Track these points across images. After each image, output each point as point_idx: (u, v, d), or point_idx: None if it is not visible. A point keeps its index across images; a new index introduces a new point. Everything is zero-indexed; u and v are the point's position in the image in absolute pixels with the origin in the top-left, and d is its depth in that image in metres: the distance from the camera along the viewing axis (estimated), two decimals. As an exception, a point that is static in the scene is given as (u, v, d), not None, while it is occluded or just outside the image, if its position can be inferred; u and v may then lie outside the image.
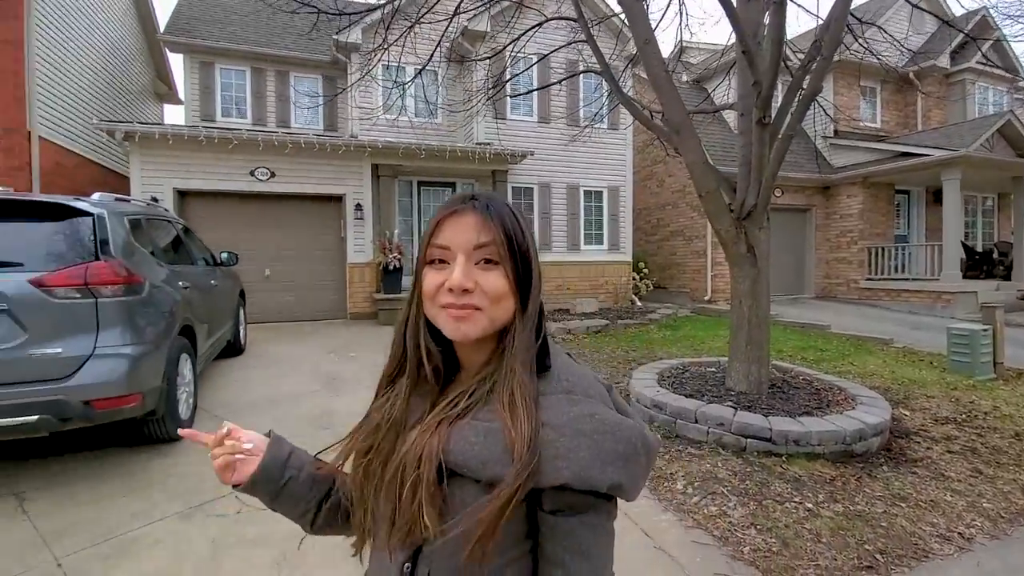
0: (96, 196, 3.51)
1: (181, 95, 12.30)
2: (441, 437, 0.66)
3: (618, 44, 9.71)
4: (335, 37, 10.35)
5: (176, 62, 12.37)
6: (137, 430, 3.45)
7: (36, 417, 2.72)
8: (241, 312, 6.49)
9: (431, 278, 0.70)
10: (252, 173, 8.64)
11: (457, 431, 0.67)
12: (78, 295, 2.89)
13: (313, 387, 5.11)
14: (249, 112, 11.72)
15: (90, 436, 3.62)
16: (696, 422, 3.77)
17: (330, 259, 9.45)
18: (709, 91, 11.44)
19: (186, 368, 3.82)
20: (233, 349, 6.15)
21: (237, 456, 0.83)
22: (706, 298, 11.87)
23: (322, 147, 8.82)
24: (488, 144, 10.03)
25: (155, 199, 7.71)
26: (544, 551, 0.65)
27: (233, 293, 6.11)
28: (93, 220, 3.14)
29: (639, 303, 11.57)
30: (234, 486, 0.83)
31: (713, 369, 5.07)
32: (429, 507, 0.64)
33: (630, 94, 6.53)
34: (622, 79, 6.46)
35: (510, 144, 10.11)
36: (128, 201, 3.98)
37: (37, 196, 3.24)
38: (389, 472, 0.70)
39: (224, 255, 5.91)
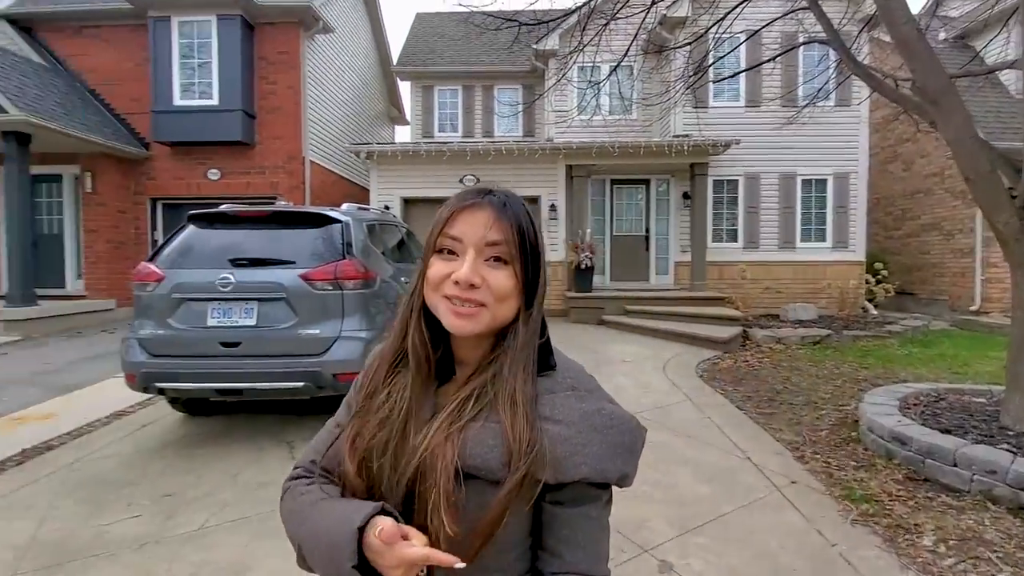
0: (344, 206, 4.27)
1: (408, 117, 14.27)
2: (455, 443, 0.64)
3: (849, 6, 8.25)
4: (533, 47, 10.87)
5: (404, 89, 14.40)
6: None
7: (302, 384, 3.43)
8: (449, 305, 7.25)
9: (438, 267, 0.69)
10: (461, 180, 9.59)
11: (474, 435, 0.65)
12: (330, 287, 3.55)
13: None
14: (460, 126, 13.06)
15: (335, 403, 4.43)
16: (955, 465, 2.98)
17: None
18: (977, 49, 8.99)
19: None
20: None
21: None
22: (972, 308, 9.39)
23: (520, 152, 9.36)
24: (686, 136, 9.46)
25: (387, 207, 9.08)
26: (543, 542, 0.67)
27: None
28: (342, 226, 3.82)
29: (874, 311, 9.70)
30: None
31: (982, 400, 3.97)
32: (447, 514, 0.61)
33: (865, 62, 5.48)
34: (855, 46, 5.46)
35: (712, 134, 9.37)
36: (367, 209, 4.75)
37: (307, 208, 4.06)
38: (406, 472, 0.66)
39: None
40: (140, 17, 9.39)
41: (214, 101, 9.36)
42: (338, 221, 3.83)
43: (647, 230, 10.48)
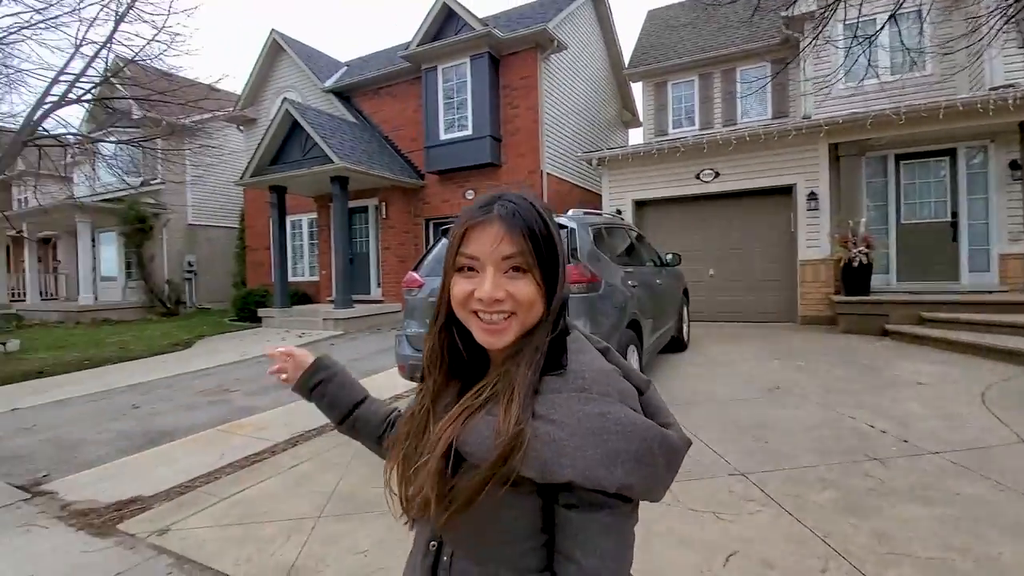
0: (571, 212, 4.38)
1: (641, 118, 14.06)
2: (456, 428, 0.70)
3: None
4: (783, 14, 9.51)
5: (637, 90, 14.23)
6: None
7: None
8: (684, 310, 6.82)
9: (461, 286, 0.72)
10: (698, 176, 8.97)
11: (474, 424, 0.69)
12: (557, 292, 3.66)
13: (751, 393, 4.82)
14: (696, 118, 12.25)
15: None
16: None
17: (777, 256, 8.76)
18: None
19: (633, 358, 4.27)
20: (677, 345, 6.52)
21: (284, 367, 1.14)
22: None
23: (768, 136, 8.26)
24: (1010, 86, 7.00)
25: (619, 211, 9.06)
26: (557, 545, 0.67)
27: (677, 292, 6.48)
28: (567, 232, 3.92)
29: None
30: (287, 383, 1.13)
31: None
32: (429, 480, 0.69)
33: None
34: None
35: (1064, 73, 6.72)
36: (596, 214, 4.79)
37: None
38: (422, 457, 0.73)
39: (669, 256, 6.33)
40: (415, 72, 11.45)
41: (469, 131, 10.79)
42: (564, 227, 3.93)
43: (953, 215, 8.05)
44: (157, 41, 8.73)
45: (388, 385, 5.70)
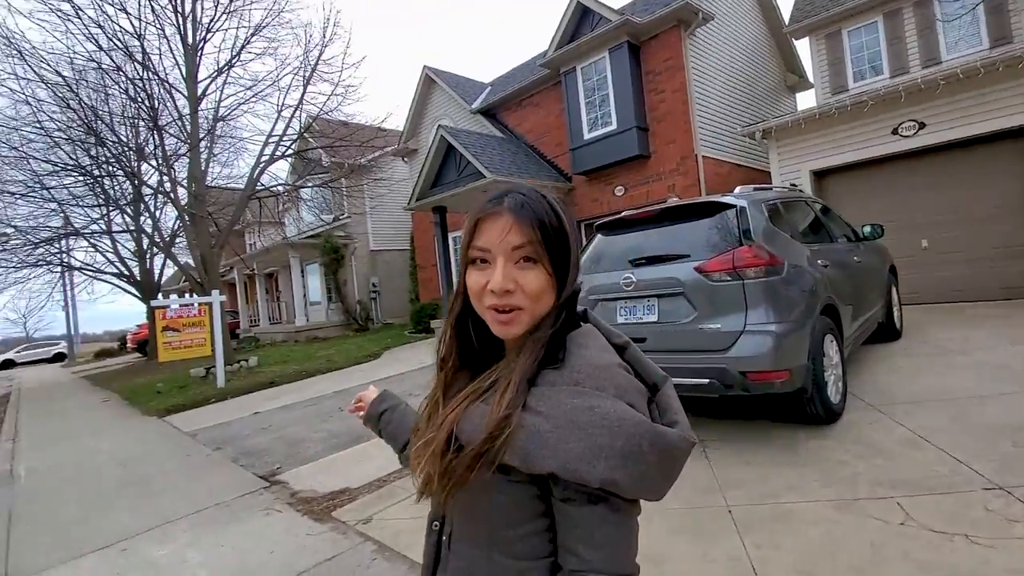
0: (737, 190, 3.92)
1: (811, 78, 12.33)
2: (458, 414, 0.73)
3: None
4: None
5: (803, 48, 12.52)
6: (793, 407, 3.57)
7: (707, 380, 3.28)
8: (893, 291, 5.70)
9: (475, 278, 0.73)
10: (895, 131, 7.53)
11: (472, 411, 0.72)
12: (728, 278, 3.29)
13: (1001, 387, 3.79)
14: (885, 65, 10.30)
15: (747, 405, 4.07)
16: None
17: (1011, 218, 6.91)
18: None
19: (832, 349, 3.65)
20: (887, 332, 5.48)
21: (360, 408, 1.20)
22: None
23: (991, 68, 6.58)
24: None
25: (794, 184, 8.01)
26: (559, 537, 0.69)
27: (880, 270, 5.45)
28: (736, 211, 3.51)
29: None
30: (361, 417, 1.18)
31: None
32: (434, 464, 0.72)
33: None
34: None
35: None
36: (767, 190, 4.24)
37: (697, 199, 3.93)
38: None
39: (867, 228, 5.36)
40: (555, 77, 11.54)
41: (613, 126, 10.51)
42: (731, 206, 3.53)
43: None
44: (335, 95, 10.12)
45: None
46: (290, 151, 10.93)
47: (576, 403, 0.65)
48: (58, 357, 30.66)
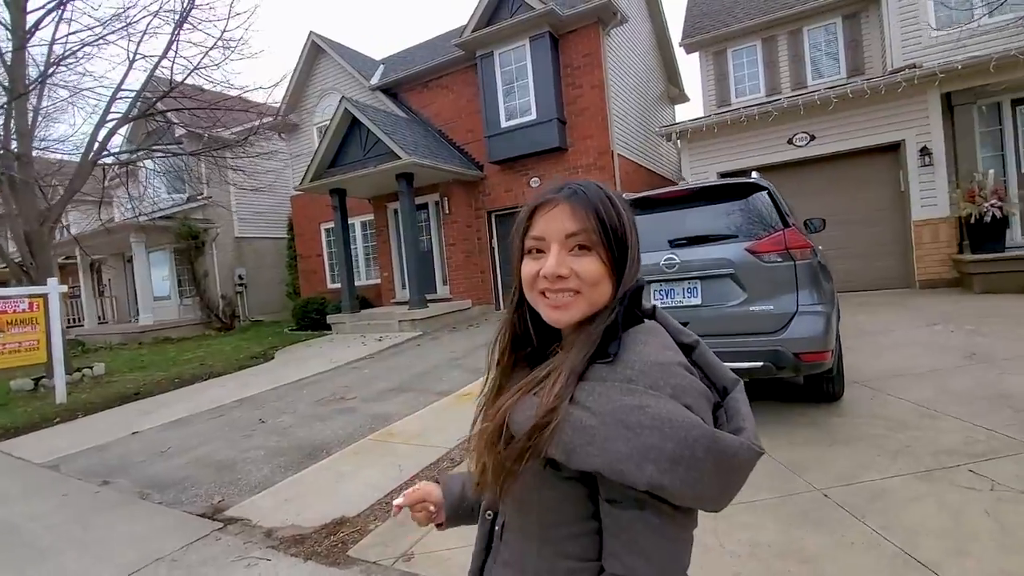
0: (754, 175, 3.93)
1: (701, 90, 13.46)
2: (511, 405, 0.71)
3: None
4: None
5: (690, 62, 13.66)
6: (810, 386, 3.66)
7: (760, 364, 3.19)
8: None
9: (529, 267, 0.73)
10: (790, 141, 8.46)
11: (523, 402, 0.70)
12: (780, 259, 3.24)
13: (952, 361, 4.34)
14: (762, 85, 11.67)
15: (762, 387, 4.13)
16: None
17: (884, 219, 8.22)
18: None
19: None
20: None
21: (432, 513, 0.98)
22: None
23: (874, 91, 7.72)
24: None
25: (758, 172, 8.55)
26: (604, 541, 0.66)
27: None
28: (768, 192, 3.48)
29: None
30: (438, 526, 0.99)
31: None
32: (483, 446, 0.73)
33: None
34: None
35: None
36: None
37: (726, 180, 3.83)
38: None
39: (815, 222, 5.83)
40: (470, 60, 11.04)
41: (533, 116, 10.36)
42: (763, 187, 3.50)
43: (1083, 158, 7.45)
44: (219, 46, 8.43)
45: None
46: (151, 111, 8.85)
47: (626, 401, 0.63)
48: None
